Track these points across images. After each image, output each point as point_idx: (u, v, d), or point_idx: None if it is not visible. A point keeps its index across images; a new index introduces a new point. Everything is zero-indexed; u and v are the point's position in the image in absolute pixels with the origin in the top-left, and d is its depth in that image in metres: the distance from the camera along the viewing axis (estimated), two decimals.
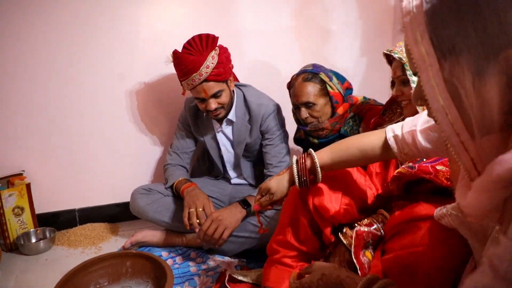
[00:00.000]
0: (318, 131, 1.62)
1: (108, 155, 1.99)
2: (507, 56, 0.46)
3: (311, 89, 1.56)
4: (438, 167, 1.02)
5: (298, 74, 1.62)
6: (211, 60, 1.52)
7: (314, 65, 1.63)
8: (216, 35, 1.58)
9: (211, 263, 1.56)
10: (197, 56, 1.51)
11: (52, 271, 1.54)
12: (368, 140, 1.04)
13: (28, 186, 1.76)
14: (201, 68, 1.50)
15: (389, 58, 1.35)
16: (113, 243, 1.80)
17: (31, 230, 1.79)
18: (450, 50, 0.49)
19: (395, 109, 1.46)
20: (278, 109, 1.74)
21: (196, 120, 1.81)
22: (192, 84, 1.54)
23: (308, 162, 1.07)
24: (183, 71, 1.53)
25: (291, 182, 1.11)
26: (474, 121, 0.49)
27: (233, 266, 1.53)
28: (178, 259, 1.58)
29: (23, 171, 1.81)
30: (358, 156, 1.04)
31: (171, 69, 1.64)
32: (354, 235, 1.02)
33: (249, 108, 1.72)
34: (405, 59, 1.22)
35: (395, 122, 1.35)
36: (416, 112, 1.18)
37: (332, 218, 1.08)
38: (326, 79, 1.57)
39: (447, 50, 0.49)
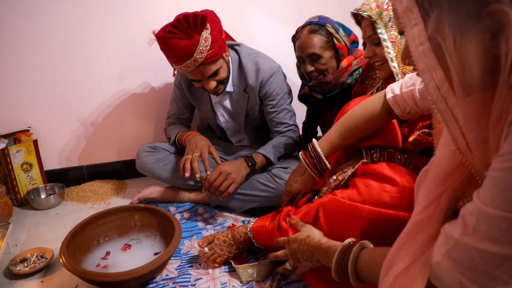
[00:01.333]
0: (322, 85, 1.58)
1: (115, 112, 1.98)
2: (490, 11, 0.43)
3: (317, 41, 1.51)
4: None
5: (303, 26, 1.56)
6: (204, 43, 1.36)
7: (320, 17, 1.56)
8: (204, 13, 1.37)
9: (219, 218, 1.58)
10: (188, 40, 1.34)
11: (62, 224, 1.56)
12: (371, 105, 1.05)
13: (35, 142, 1.76)
14: (195, 54, 1.35)
15: (358, 18, 1.26)
16: (121, 199, 1.83)
17: (41, 186, 1.81)
18: (432, 6, 0.47)
19: (374, 75, 1.40)
20: (277, 71, 1.61)
21: (190, 87, 1.70)
22: (187, 70, 1.42)
23: (314, 155, 1.10)
24: (174, 58, 1.39)
25: (312, 176, 1.14)
26: (459, 81, 0.48)
27: (240, 222, 1.54)
28: (185, 214, 1.59)
29: (30, 127, 1.81)
30: (365, 126, 1.06)
31: None
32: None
33: (245, 75, 1.59)
34: (374, 17, 1.14)
35: (377, 88, 1.31)
36: (391, 73, 1.15)
37: None
38: (332, 31, 1.51)
39: (429, 7, 0.48)
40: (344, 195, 0.96)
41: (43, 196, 1.79)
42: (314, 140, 1.13)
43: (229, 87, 1.62)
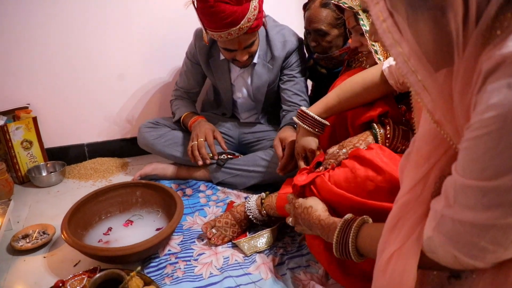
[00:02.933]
0: (326, 60, 1.54)
1: (116, 89, 1.94)
2: None
3: (326, 16, 1.45)
4: None
5: None
6: (253, 11, 1.31)
7: None
8: None
9: (221, 195, 1.56)
10: (237, 6, 1.28)
11: (64, 201, 1.55)
12: (370, 75, 1.06)
13: (34, 119, 1.74)
14: (242, 21, 1.30)
15: (340, 8, 1.21)
16: (122, 177, 1.81)
17: (41, 163, 1.79)
18: None
19: (360, 58, 1.36)
20: (301, 44, 1.61)
21: (208, 59, 1.64)
22: (226, 38, 1.34)
23: (310, 117, 1.11)
24: (218, 24, 1.30)
25: (306, 130, 1.14)
26: (424, 56, 0.49)
27: (242, 198, 1.53)
28: (187, 191, 1.58)
29: (29, 104, 1.78)
30: (363, 93, 1.06)
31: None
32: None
33: (271, 47, 1.56)
34: (356, 8, 1.11)
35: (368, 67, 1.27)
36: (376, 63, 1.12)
37: None
38: None
39: None
40: (333, 179, 0.97)
41: (44, 173, 1.78)
42: (302, 107, 1.14)
43: (255, 59, 1.58)
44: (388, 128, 1.02)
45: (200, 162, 1.43)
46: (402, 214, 0.60)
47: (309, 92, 1.93)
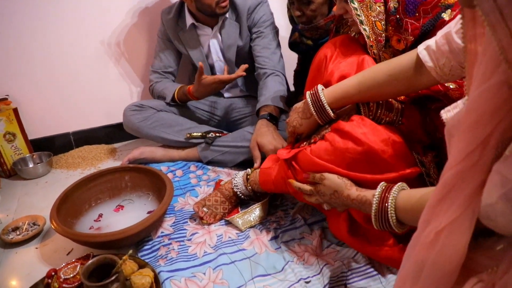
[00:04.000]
0: (312, 30, 1.50)
1: (98, 75, 1.89)
2: None
3: None
4: (448, 84, 0.94)
5: None
6: None
7: None
8: None
9: (211, 174, 1.55)
10: None
11: (53, 192, 1.53)
12: (398, 62, 0.91)
13: (15, 111, 1.69)
14: None
15: None
16: (111, 163, 1.79)
17: (27, 155, 1.76)
18: None
19: (348, 22, 1.31)
20: (264, 2, 1.63)
21: (177, 33, 1.67)
22: None
23: (317, 102, 1.01)
24: None
25: (317, 121, 1.05)
26: None
27: (233, 175, 1.52)
28: (178, 172, 1.56)
29: (7, 95, 1.73)
30: (389, 84, 0.91)
31: None
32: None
33: (234, 3, 1.60)
34: None
35: (354, 35, 1.22)
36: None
37: None
38: None
39: None
40: (314, 152, 0.96)
41: (30, 165, 1.75)
42: (320, 86, 1.03)
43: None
44: (371, 105, 1.00)
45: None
46: (456, 184, 0.52)
47: (296, 65, 1.90)
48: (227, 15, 1.60)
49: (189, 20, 1.62)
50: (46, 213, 1.30)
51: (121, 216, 1.26)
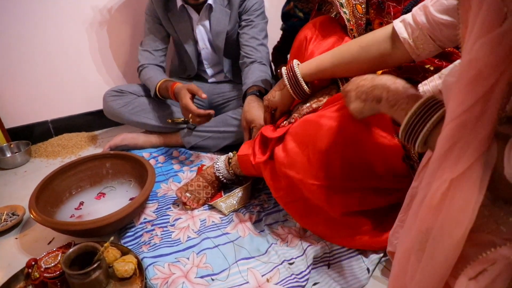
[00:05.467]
0: (304, 2, 1.49)
1: (76, 61, 1.84)
2: None
3: None
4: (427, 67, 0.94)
5: None
6: None
7: None
8: None
9: (195, 159, 1.54)
10: None
11: (33, 181, 1.49)
12: (373, 36, 0.90)
13: None
14: None
15: None
16: (93, 151, 1.76)
17: (4, 145, 1.71)
18: None
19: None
20: None
21: (167, 13, 1.58)
22: None
23: (292, 75, 1.01)
24: None
25: (290, 94, 1.05)
26: None
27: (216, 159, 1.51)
28: (160, 158, 1.55)
29: None
30: (362, 56, 0.89)
31: None
32: None
33: None
34: None
35: (334, 15, 1.21)
36: None
37: None
38: None
39: None
40: (290, 132, 0.99)
41: (8, 155, 1.70)
42: (295, 61, 1.03)
43: (211, 1, 1.52)
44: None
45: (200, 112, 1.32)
46: (459, 137, 0.48)
47: (278, 40, 1.88)
48: (213, 2, 1.53)
49: (179, 1, 1.54)
50: (25, 203, 1.26)
51: (102, 203, 1.24)
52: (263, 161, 1.05)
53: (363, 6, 1.03)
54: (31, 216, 1.06)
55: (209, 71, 1.76)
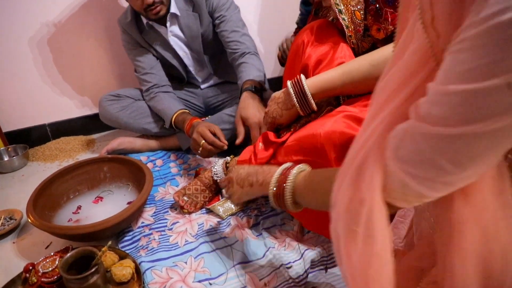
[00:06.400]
0: None
1: (73, 63, 1.85)
2: None
3: None
4: None
5: None
6: None
7: None
8: None
9: (192, 162, 1.54)
10: None
11: (30, 185, 1.49)
12: (382, 53, 0.92)
13: None
14: None
15: None
16: (90, 155, 1.76)
17: (1, 148, 1.72)
18: None
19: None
20: None
21: (141, 34, 1.57)
22: None
23: (300, 92, 1.00)
24: None
25: (298, 112, 1.04)
26: None
27: (213, 163, 1.51)
28: (158, 162, 1.55)
29: None
30: (373, 74, 0.92)
31: None
32: None
33: None
34: None
35: (332, 20, 1.22)
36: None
37: None
38: None
39: None
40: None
41: (5, 158, 1.70)
42: (303, 76, 1.01)
43: (174, 9, 1.50)
44: None
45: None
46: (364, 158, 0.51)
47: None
48: (177, 10, 1.51)
49: (144, 19, 1.54)
50: (22, 207, 1.27)
51: (100, 207, 1.24)
52: (266, 157, 1.05)
53: (361, 12, 1.04)
54: (29, 220, 1.06)
55: (199, 78, 1.75)
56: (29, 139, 1.85)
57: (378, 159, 0.48)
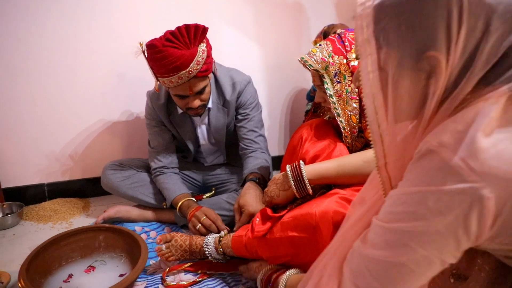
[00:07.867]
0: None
1: (79, 128, 1.93)
2: (427, 56, 0.53)
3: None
4: None
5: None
6: (201, 54, 1.34)
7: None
8: (205, 25, 1.36)
9: None
10: (186, 50, 1.31)
11: (20, 246, 1.50)
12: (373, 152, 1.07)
13: None
14: (191, 64, 1.32)
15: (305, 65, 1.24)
16: (84, 219, 1.77)
17: None
18: (386, 42, 0.56)
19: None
20: (250, 81, 1.66)
21: (169, 116, 1.64)
22: (178, 82, 1.35)
23: (299, 177, 1.11)
24: (167, 68, 1.31)
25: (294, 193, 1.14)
26: (393, 109, 0.58)
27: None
28: (152, 233, 1.57)
29: None
30: (364, 169, 1.03)
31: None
32: None
33: (222, 90, 1.60)
34: (321, 71, 1.17)
35: (328, 118, 1.36)
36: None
37: None
38: None
39: (383, 41, 0.56)
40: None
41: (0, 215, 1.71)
42: (302, 163, 1.12)
43: (210, 104, 1.60)
44: None
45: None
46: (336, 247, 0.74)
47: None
48: (212, 101, 1.60)
49: (179, 109, 1.61)
50: (10, 268, 1.27)
51: (91, 277, 1.24)
52: (263, 230, 1.10)
53: (357, 116, 1.17)
54: (19, 285, 1.06)
55: (208, 159, 1.83)
56: (25, 196, 1.87)
57: (337, 267, 0.66)
